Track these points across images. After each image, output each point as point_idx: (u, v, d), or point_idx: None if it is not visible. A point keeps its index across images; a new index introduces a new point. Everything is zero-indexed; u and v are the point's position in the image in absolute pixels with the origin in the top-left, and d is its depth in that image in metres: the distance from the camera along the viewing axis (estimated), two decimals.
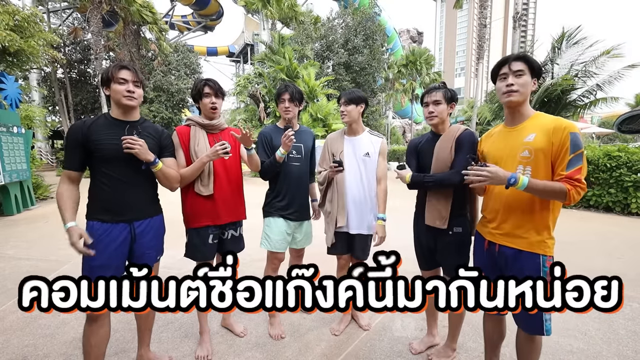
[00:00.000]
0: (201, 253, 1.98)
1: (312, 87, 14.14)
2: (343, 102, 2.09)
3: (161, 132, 1.78)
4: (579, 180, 1.30)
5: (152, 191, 1.74)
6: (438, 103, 1.78)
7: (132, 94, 1.58)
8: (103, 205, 1.58)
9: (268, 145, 2.17)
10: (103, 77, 1.58)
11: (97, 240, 1.54)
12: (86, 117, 2.38)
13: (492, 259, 1.55)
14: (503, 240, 1.49)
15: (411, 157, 1.98)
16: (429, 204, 1.83)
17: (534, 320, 1.41)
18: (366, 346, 2.11)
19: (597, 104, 9.46)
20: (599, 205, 6.77)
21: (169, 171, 1.71)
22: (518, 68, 1.41)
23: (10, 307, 2.59)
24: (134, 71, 1.60)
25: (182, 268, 3.32)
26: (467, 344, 2.14)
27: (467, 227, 1.80)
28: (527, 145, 1.40)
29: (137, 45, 16.56)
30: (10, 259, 3.72)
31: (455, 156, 1.74)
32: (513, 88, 1.41)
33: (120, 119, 1.62)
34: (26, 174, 6.71)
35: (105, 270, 1.52)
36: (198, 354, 2.00)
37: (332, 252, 2.23)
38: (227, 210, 1.99)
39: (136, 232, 1.64)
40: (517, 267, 1.44)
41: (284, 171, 2.14)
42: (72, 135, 1.55)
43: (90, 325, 1.57)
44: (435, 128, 1.86)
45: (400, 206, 3.59)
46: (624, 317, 2.51)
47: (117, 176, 1.58)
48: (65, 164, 1.58)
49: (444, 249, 1.84)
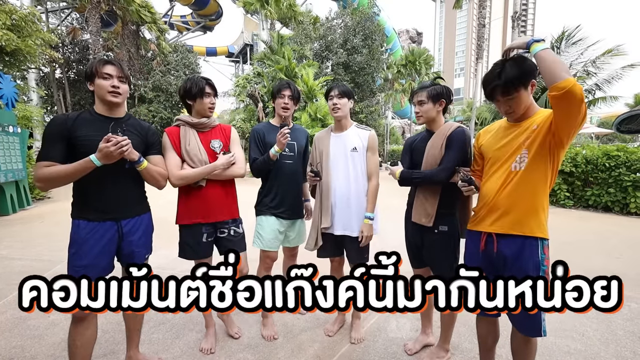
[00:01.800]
0: (195, 252, 1.95)
1: (311, 87, 14.11)
2: (337, 95, 2.00)
3: (147, 129, 1.73)
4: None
5: (139, 189, 1.71)
6: (422, 103, 1.78)
7: (116, 89, 1.53)
8: (89, 203, 1.54)
9: (261, 142, 2.12)
10: (87, 71, 1.53)
11: (84, 240, 1.51)
12: (69, 112, 2.32)
13: (489, 259, 1.50)
14: (503, 229, 1.44)
15: (405, 154, 1.96)
16: (417, 200, 1.82)
17: (533, 321, 1.38)
18: (360, 347, 2.08)
19: (597, 103, 9.44)
20: (597, 205, 6.74)
21: (154, 169, 1.66)
22: (508, 97, 1.37)
23: (0, 308, 2.55)
24: (118, 66, 1.55)
25: (175, 268, 3.29)
26: (462, 344, 2.11)
27: (455, 226, 1.77)
28: (531, 134, 1.38)
29: (136, 45, 16.54)
30: (3, 259, 3.68)
31: (444, 153, 1.72)
32: (509, 110, 1.41)
33: (105, 115, 1.58)
34: (22, 173, 6.67)
35: (92, 270, 1.48)
36: (202, 346, 2.02)
37: (321, 254, 2.16)
38: (220, 208, 1.95)
39: (124, 230, 1.61)
40: (515, 267, 1.40)
41: (276, 169, 2.10)
42: (54, 128, 1.48)
43: (77, 326, 1.53)
44: (429, 126, 1.85)
45: (398, 205, 3.55)
46: (623, 317, 2.48)
47: (103, 174, 1.52)
48: (43, 155, 1.45)
49: (429, 248, 1.83)
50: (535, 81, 1.38)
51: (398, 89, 24.22)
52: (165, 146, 1.85)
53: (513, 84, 1.34)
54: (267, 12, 19.13)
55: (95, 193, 1.54)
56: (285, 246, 2.32)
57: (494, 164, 1.50)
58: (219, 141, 1.94)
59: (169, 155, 1.83)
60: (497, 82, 1.36)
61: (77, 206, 1.55)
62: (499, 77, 1.36)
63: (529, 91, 1.38)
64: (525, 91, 1.37)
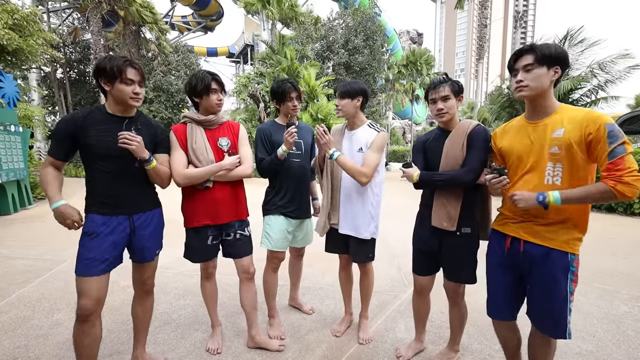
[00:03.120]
0: (200, 255, 1.91)
1: (313, 87, 14.10)
2: (338, 96, 1.97)
3: (156, 127, 1.74)
4: (623, 169, 1.16)
5: (149, 185, 1.71)
6: (447, 98, 1.64)
7: (138, 96, 1.54)
8: (101, 199, 1.55)
9: (267, 142, 2.07)
10: (106, 70, 1.48)
11: (97, 232, 1.52)
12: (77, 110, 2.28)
13: (515, 259, 1.43)
14: (531, 237, 1.37)
15: (418, 154, 1.84)
16: (437, 203, 1.70)
17: (559, 322, 1.33)
18: (369, 348, 2.05)
19: (598, 103, 9.43)
20: (601, 206, 6.72)
21: (161, 169, 1.67)
22: (526, 62, 1.32)
23: (3, 307, 2.52)
24: (140, 70, 1.54)
25: (179, 267, 3.27)
26: (472, 345, 2.08)
27: (476, 228, 1.70)
28: (555, 141, 1.29)
29: (137, 45, 16.51)
30: (5, 258, 3.65)
31: (467, 154, 1.61)
32: (522, 84, 1.33)
33: (118, 115, 1.57)
34: (24, 173, 6.65)
35: (102, 263, 1.50)
36: (209, 346, 2.00)
37: (330, 249, 2.16)
38: (228, 209, 1.89)
39: (135, 224, 1.62)
40: (544, 268, 1.34)
41: (284, 168, 2.06)
42: (64, 126, 1.51)
43: (81, 325, 1.50)
44: (445, 125, 1.73)
45: (401, 205, 3.52)
46: (633, 318, 2.45)
47: (114, 171, 1.54)
48: (52, 151, 1.54)
49: (449, 251, 1.73)
50: (560, 70, 1.31)
51: (399, 90, 24.17)
52: (172, 144, 1.81)
53: (544, 58, 1.28)
54: (269, 12, 19.10)
55: (108, 189, 1.55)
56: (293, 246, 2.29)
57: (521, 167, 1.41)
58: (227, 139, 1.89)
59: (175, 153, 1.79)
60: (527, 47, 1.34)
61: (90, 201, 1.57)
62: (530, 46, 1.33)
63: (549, 75, 1.30)
64: (545, 71, 1.29)
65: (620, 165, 1.17)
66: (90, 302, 1.47)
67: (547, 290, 1.34)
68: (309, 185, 2.26)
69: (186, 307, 2.56)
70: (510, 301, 1.50)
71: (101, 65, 1.48)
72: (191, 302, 2.63)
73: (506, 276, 1.48)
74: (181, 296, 2.73)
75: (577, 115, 1.28)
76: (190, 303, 2.61)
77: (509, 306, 1.51)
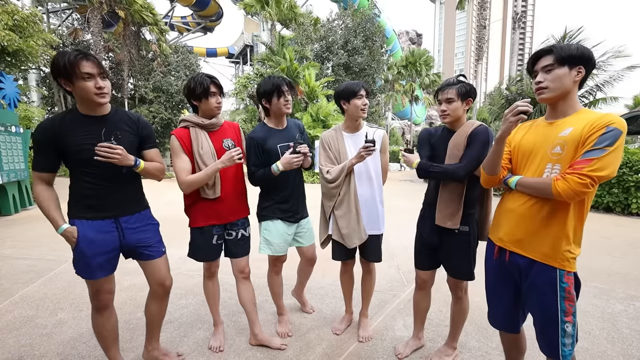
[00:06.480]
0: (205, 254, 1.93)
1: (313, 87, 14.15)
2: (366, 95, 1.95)
3: (137, 121, 1.62)
4: (580, 168, 1.11)
5: (136, 187, 1.66)
6: (451, 101, 1.68)
7: (102, 90, 1.40)
8: (86, 203, 1.50)
9: (260, 151, 1.96)
10: (60, 68, 1.33)
11: (82, 238, 1.48)
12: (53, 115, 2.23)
13: (503, 268, 1.42)
14: (513, 247, 1.36)
15: (424, 145, 1.86)
16: (442, 203, 1.73)
17: (552, 342, 1.26)
18: (368, 345, 2.08)
19: (597, 104, 9.49)
20: (599, 206, 6.78)
21: (151, 167, 1.63)
22: (546, 63, 1.27)
23: (7, 307, 2.55)
24: (96, 61, 1.38)
25: (180, 267, 3.30)
26: (470, 343, 2.11)
27: (474, 227, 1.74)
28: (560, 140, 1.24)
29: (136, 46, 16.53)
30: (7, 258, 3.68)
31: (464, 151, 1.66)
32: (542, 85, 1.28)
33: (92, 115, 1.47)
34: (24, 173, 6.66)
35: (96, 269, 1.52)
36: (211, 344, 2.03)
37: (338, 257, 2.10)
38: (232, 209, 1.92)
39: (123, 227, 1.57)
40: (531, 280, 1.30)
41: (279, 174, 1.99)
42: (42, 135, 1.42)
43: (102, 314, 1.62)
44: (450, 125, 1.77)
45: (401, 207, 3.57)
46: (628, 316, 2.49)
47: (98, 175, 1.49)
48: (36, 165, 1.46)
49: (447, 248, 1.78)
50: (584, 70, 1.24)
51: (399, 90, 24.23)
52: (175, 150, 1.77)
53: (564, 58, 1.22)
54: (268, 13, 19.14)
55: (93, 193, 1.50)
56: (299, 247, 2.22)
57: (521, 166, 1.39)
58: (231, 140, 1.91)
59: (178, 160, 1.77)
60: (546, 48, 1.28)
61: (74, 206, 1.51)
62: (550, 46, 1.27)
63: (572, 75, 1.23)
64: (566, 71, 1.23)
65: (582, 164, 1.13)
66: (108, 295, 1.62)
67: (535, 303, 1.30)
68: (304, 184, 2.22)
69: (188, 306, 2.59)
70: (509, 311, 1.47)
71: (54, 63, 1.34)
72: (193, 301, 2.66)
73: (502, 285, 1.46)
74: (183, 296, 2.76)
75: (592, 116, 1.21)
76: (192, 302, 2.64)
77: (507, 316, 1.48)
